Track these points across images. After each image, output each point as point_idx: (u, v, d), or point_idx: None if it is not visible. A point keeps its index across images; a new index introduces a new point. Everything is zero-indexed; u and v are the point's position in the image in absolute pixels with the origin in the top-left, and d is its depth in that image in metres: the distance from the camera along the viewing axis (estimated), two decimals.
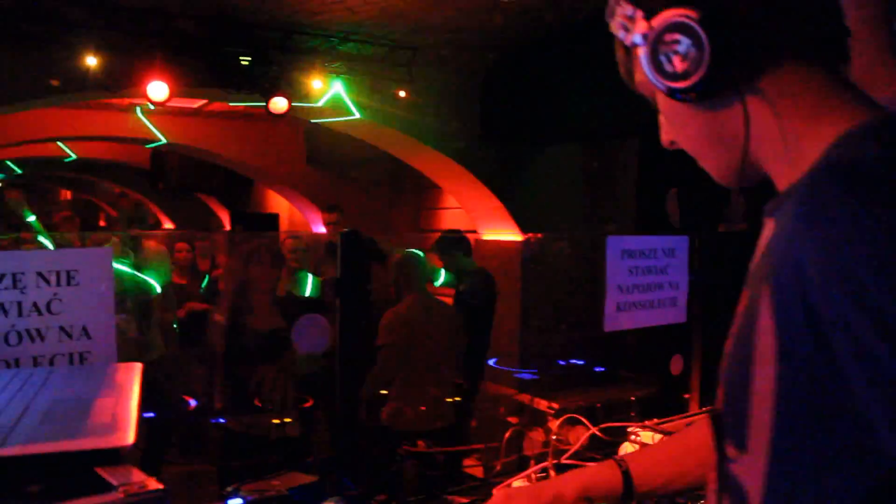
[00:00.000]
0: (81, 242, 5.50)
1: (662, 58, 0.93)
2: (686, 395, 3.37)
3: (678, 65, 0.91)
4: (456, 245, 5.67)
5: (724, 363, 0.97)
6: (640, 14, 0.95)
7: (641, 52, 0.96)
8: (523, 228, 7.43)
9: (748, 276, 0.95)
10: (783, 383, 0.84)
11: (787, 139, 0.91)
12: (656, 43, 0.93)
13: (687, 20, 0.90)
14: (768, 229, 0.92)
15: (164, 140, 9.69)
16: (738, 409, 0.92)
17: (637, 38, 0.96)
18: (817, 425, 0.82)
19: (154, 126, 9.45)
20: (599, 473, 1.44)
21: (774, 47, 0.91)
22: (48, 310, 1.78)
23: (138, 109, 9.01)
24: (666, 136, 1.07)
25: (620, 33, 0.99)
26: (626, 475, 1.41)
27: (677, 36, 0.91)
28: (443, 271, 5.86)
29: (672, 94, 0.94)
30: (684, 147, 1.04)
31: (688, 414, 2.86)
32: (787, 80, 0.91)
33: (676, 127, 1.03)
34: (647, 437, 2.63)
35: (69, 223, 7.29)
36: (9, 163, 13.89)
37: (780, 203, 0.91)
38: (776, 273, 0.83)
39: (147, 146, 10.77)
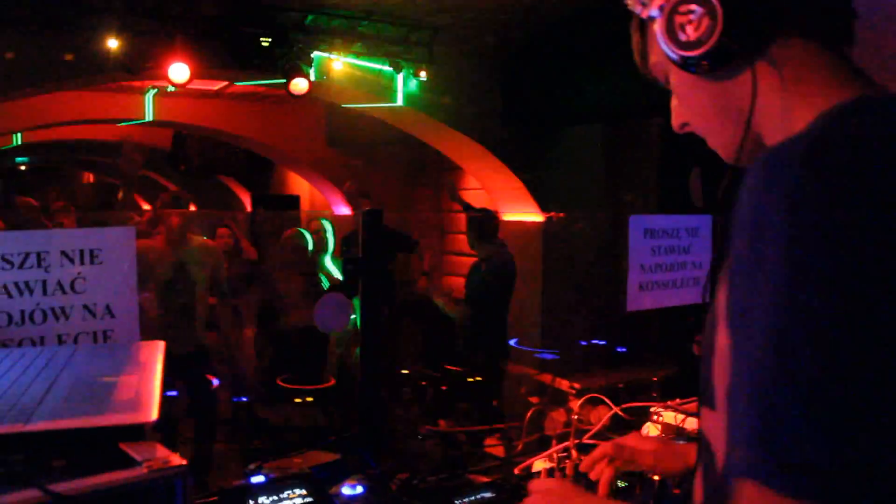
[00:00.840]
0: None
1: (677, 28, 0.97)
2: None
3: (692, 33, 0.95)
4: (492, 230, 5.66)
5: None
6: None
7: (658, 24, 0.99)
8: (544, 209, 7.40)
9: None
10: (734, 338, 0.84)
11: (785, 112, 0.93)
12: (672, 13, 0.97)
13: None
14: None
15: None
16: (707, 370, 0.96)
17: (654, 11, 1.00)
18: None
19: (168, 109, 9.47)
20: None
21: (783, 19, 0.93)
22: (72, 289, 1.80)
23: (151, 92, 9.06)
24: (677, 119, 1.10)
25: (637, 8, 1.04)
26: None
27: (692, 6, 0.95)
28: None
29: (685, 64, 0.98)
30: (694, 127, 1.07)
31: None
32: (792, 55, 0.93)
33: (687, 104, 1.06)
34: (670, 417, 2.62)
35: (65, 212, 7.44)
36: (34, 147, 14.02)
37: None
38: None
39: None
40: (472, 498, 1.95)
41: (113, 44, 5.49)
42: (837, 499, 0.70)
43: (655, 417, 2.65)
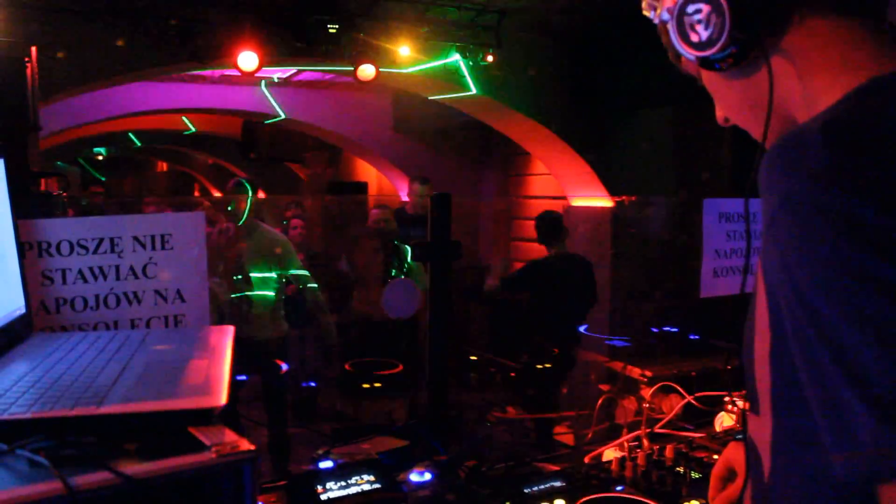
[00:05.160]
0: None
1: (688, 29, 0.95)
2: None
3: (703, 33, 0.93)
4: (556, 230, 5.62)
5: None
6: None
7: (670, 28, 0.98)
8: (613, 193, 7.30)
9: None
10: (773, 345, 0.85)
11: (807, 95, 0.90)
12: (680, 15, 0.96)
13: None
14: None
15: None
16: (750, 376, 0.95)
17: (664, 15, 0.99)
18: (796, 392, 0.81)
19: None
20: None
21: (793, 3, 0.90)
22: (144, 273, 1.82)
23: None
24: (719, 114, 1.08)
25: (650, 13, 1.03)
26: None
27: (699, 5, 0.93)
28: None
29: (703, 64, 0.96)
30: (734, 121, 1.05)
31: None
32: (809, 36, 0.89)
33: (720, 100, 1.04)
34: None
35: (97, 197, 8.46)
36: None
37: None
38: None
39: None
40: (542, 487, 1.92)
41: (184, 34, 5.58)
42: None
43: (729, 407, 2.58)
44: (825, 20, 0.89)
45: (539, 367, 4.73)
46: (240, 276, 4.96)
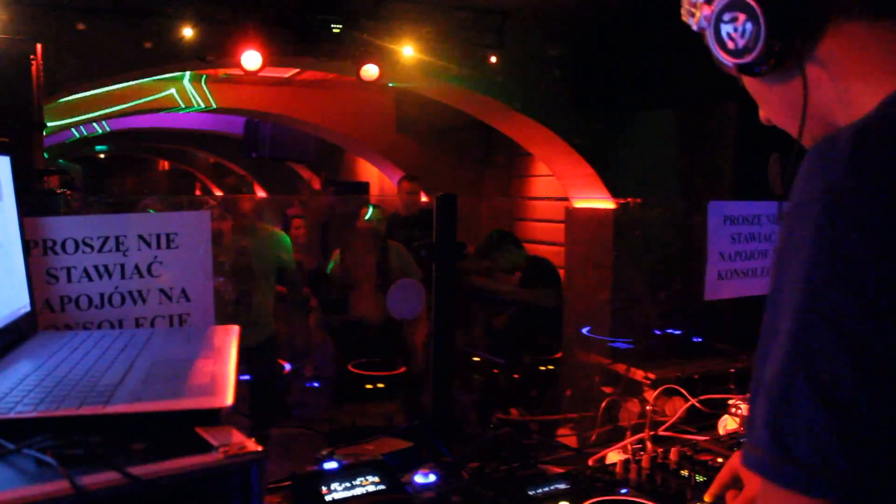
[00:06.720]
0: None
1: (725, 36, 0.97)
2: None
3: (739, 41, 0.95)
4: (497, 246, 5.64)
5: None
6: None
7: (707, 35, 1.00)
8: (615, 195, 7.30)
9: None
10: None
11: (845, 101, 0.90)
12: (717, 22, 0.97)
13: None
14: None
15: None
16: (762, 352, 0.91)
17: (702, 22, 1.01)
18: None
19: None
20: None
21: (828, 10, 0.90)
22: (149, 272, 1.82)
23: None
24: (762, 115, 1.08)
25: (689, 20, 1.04)
26: None
27: (734, 13, 0.95)
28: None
29: (741, 70, 0.98)
30: (775, 123, 1.06)
31: None
32: (845, 42, 0.89)
33: (760, 103, 1.05)
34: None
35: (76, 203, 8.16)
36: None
37: None
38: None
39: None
40: (547, 489, 1.92)
41: (187, 32, 5.57)
42: (852, 499, 0.68)
43: (734, 410, 2.58)
44: (860, 26, 0.89)
45: (542, 368, 4.73)
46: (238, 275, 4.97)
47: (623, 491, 1.97)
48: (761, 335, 0.85)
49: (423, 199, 7.03)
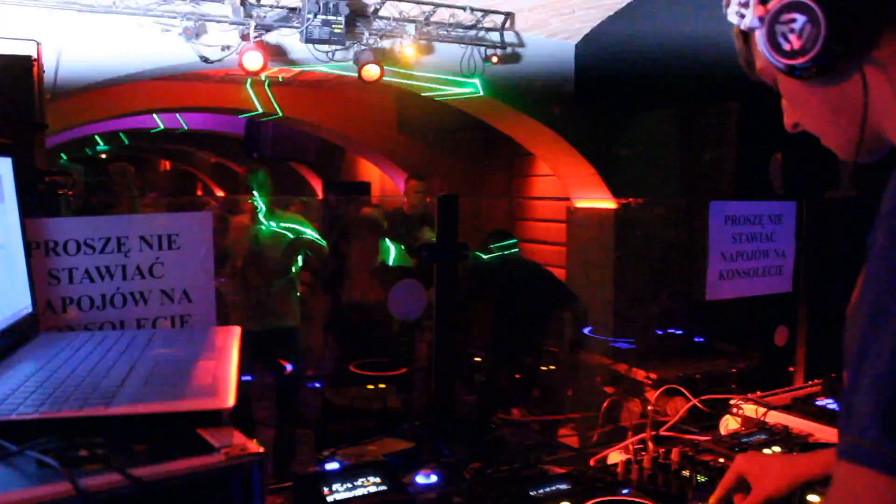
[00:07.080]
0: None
1: (780, 37, 0.96)
2: (791, 368, 3.24)
3: (795, 42, 0.94)
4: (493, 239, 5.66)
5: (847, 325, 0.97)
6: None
7: (759, 34, 1.00)
8: (617, 195, 7.29)
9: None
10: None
11: None
12: (773, 23, 0.97)
13: None
14: None
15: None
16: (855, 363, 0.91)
17: (755, 22, 1.00)
18: None
19: (257, 96, 9.66)
20: None
21: (889, 14, 0.91)
22: (150, 273, 1.82)
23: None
24: (789, 120, 1.09)
25: (737, 20, 1.03)
26: None
27: (794, 14, 0.94)
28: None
29: (791, 72, 0.97)
30: (807, 127, 1.06)
31: (793, 388, 2.75)
32: None
33: (798, 107, 1.05)
34: (750, 410, 2.54)
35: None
36: (121, 135, 14.40)
37: None
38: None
39: (241, 115, 10.96)
40: (548, 489, 1.92)
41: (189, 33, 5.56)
42: None
43: (735, 410, 2.58)
44: None
45: (543, 368, 4.73)
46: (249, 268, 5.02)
47: (624, 491, 1.97)
48: (862, 332, 0.84)
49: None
